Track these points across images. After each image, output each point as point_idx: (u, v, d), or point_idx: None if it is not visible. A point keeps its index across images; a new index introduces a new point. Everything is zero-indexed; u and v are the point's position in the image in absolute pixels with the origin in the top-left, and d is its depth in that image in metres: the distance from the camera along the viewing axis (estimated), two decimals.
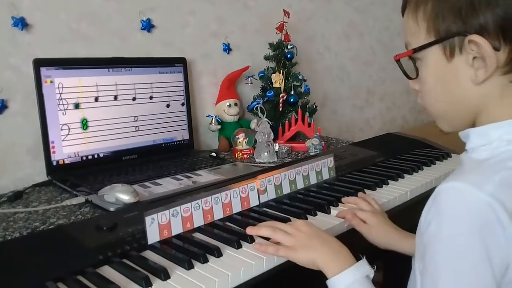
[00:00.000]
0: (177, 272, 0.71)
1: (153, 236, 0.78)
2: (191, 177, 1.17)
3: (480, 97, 0.61)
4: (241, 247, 0.79)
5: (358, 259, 0.72)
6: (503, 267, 0.54)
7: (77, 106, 1.22)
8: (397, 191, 1.08)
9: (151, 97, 1.37)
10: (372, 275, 0.70)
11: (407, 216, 0.93)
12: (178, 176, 1.18)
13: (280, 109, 1.61)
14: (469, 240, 0.53)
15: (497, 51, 0.57)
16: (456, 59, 0.60)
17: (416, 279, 0.67)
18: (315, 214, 0.94)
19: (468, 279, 0.54)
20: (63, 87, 1.19)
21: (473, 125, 0.64)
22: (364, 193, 1.05)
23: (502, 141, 0.59)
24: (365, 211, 0.93)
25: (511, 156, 0.57)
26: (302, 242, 0.75)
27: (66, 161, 1.21)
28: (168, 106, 1.42)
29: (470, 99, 0.62)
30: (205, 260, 0.74)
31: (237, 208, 0.92)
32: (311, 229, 0.78)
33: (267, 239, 0.80)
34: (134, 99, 1.33)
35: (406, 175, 1.20)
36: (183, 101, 1.46)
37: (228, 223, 0.88)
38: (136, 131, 1.34)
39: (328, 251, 0.73)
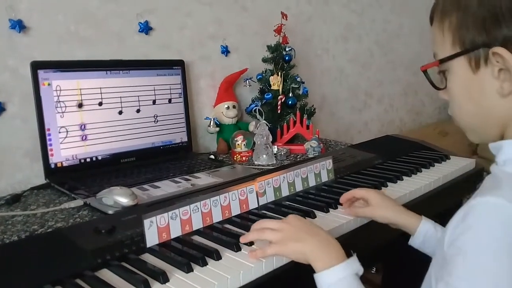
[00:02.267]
0: (176, 275, 0.70)
1: (151, 239, 0.78)
2: (189, 180, 1.17)
3: (508, 109, 0.60)
4: (240, 249, 0.78)
5: (348, 255, 0.71)
6: None
7: (75, 108, 1.22)
8: (396, 193, 1.08)
9: (149, 100, 1.37)
10: (361, 273, 0.69)
11: None
12: (177, 179, 1.18)
13: (279, 111, 1.61)
14: (496, 255, 0.53)
15: None
16: (482, 70, 0.60)
17: (432, 284, 0.66)
18: (314, 217, 0.94)
19: None
20: (61, 90, 1.19)
21: (502, 137, 0.63)
22: None
23: None
24: (366, 190, 0.94)
25: None
26: (290, 235, 0.74)
27: (64, 164, 1.20)
28: (166, 108, 1.42)
29: (497, 111, 0.61)
30: (204, 263, 0.73)
31: (236, 210, 0.91)
32: (301, 221, 0.77)
33: None
34: (132, 101, 1.33)
35: (404, 177, 1.20)
36: (181, 103, 1.46)
37: (227, 226, 0.88)
38: (135, 133, 1.34)
39: (318, 244, 0.72)
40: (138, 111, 1.35)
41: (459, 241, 0.56)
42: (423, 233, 0.86)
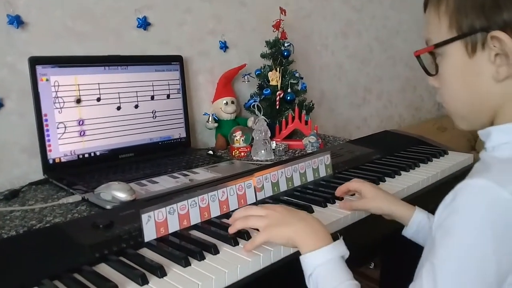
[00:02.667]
0: (174, 270, 0.70)
1: (149, 233, 0.78)
2: (188, 175, 1.17)
3: (501, 95, 0.60)
4: (238, 244, 0.78)
5: (335, 239, 0.71)
6: (510, 268, 0.53)
7: (73, 104, 1.21)
8: (394, 188, 1.08)
9: (147, 95, 1.37)
10: (346, 256, 0.69)
11: None
12: (175, 174, 1.18)
13: (277, 107, 1.61)
14: (482, 236, 0.53)
15: None
16: (478, 55, 0.59)
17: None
18: (312, 211, 0.94)
19: (471, 274, 0.53)
20: (59, 85, 1.19)
21: (491, 124, 0.63)
22: None
23: None
24: (360, 183, 0.94)
25: None
26: (277, 220, 0.74)
27: (63, 160, 1.20)
28: (165, 104, 1.41)
29: (490, 97, 0.61)
30: (202, 258, 0.73)
31: (234, 205, 0.91)
32: (287, 208, 0.78)
33: None
34: (130, 97, 1.33)
35: (403, 172, 1.20)
36: (180, 99, 1.46)
37: (225, 221, 0.88)
38: (133, 129, 1.34)
39: (305, 227, 0.71)
40: (136, 106, 1.34)
41: (446, 222, 0.56)
42: (416, 223, 0.86)
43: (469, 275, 0.53)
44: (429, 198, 1.11)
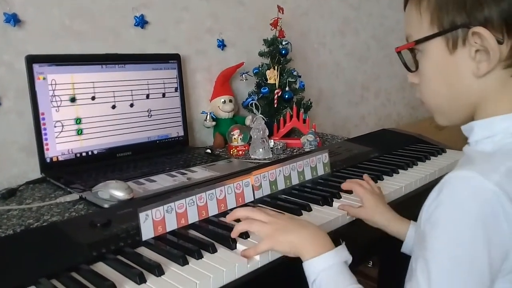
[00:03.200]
0: (172, 268, 0.70)
1: (147, 232, 0.78)
2: (185, 174, 1.17)
3: (481, 90, 0.60)
4: (236, 242, 0.78)
5: (337, 244, 0.71)
6: (501, 258, 0.54)
7: (70, 102, 1.21)
8: (392, 186, 1.08)
9: (145, 94, 1.37)
10: (349, 261, 0.70)
11: (402, 210, 0.93)
12: (173, 173, 1.18)
13: (275, 106, 1.61)
14: (471, 227, 0.53)
15: (500, 44, 0.57)
16: (459, 51, 0.60)
17: (412, 267, 0.66)
18: (310, 210, 0.94)
19: (464, 266, 0.53)
20: (56, 84, 1.18)
21: (471, 119, 0.64)
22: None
23: (507, 133, 0.59)
24: (363, 191, 0.94)
25: None
26: (279, 227, 0.74)
27: (60, 158, 1.20)
28: (162, 102, 1.41)
29: (470, 92, 0.61)
30: (200, 256, 0.73)
31: (231, 204, 0.91)
32: (288, 216, 0.79)
33: None
34: (128, 95, 1.33)
35: (401, 171, 1.20)
36: (177, 97, 1.45)
37: (222, 219, 0.88)
38: (131, 127, 1.34)
39: (307, 234, 0.72)
40: (133, 105, 1.34)
41: (434, 215, 0.57)
42: (411, 237, 0.86)
43: (462, 267, 0.54)
44: (427, 197, 1.11)
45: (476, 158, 0.60)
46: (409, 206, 1.04)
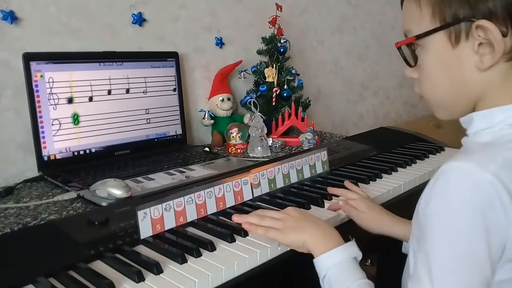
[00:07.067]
0: (170, 267, 0.70)
1: (145, 230, 0.78)
2: (184, 172, 1.16)
3: (483, 83, 0.60)
4: (235, 241, 0.78)
5: (347, 241, 0.72)
6: (500, 248, 0.53)
7: (68, 100, 1.21)
8: (390, 185, 1.08)
9: (143, 92, 1.36)
10: (360, 257, 0.70)
11: (401, 209, 0.93)
12: (171, 171, 1.17)
13: (273, 104, 1.61)
14: (469, 218, 0.53)
15: (505, 37, 0.56)
16: (462, 45, 0.59)
17: (410, 261, 0.66)
18: (309, 208, 0.94)
19: (463, 257, 0.53)
20: (53, 82, 1.18)
21: (472, 111, 0.63)
22: (358, 186, 1.04)
23: (505, 124, 0.59)
24: (354, 199, 0.93)
25: None
26: (291, 224, 0.75)
27: (58, 157, 1.19)
28: (160, 101, 1.41)
29: (472, 86, 0.61)
30: (199, 254, 0.73)
31: (230, 202, 0.91)
32: (300, 212, 0.79)
33: None
34: (126, 93, 1.32)
35: (399, 169, 1.20)
36: (175, 95, 1.45)
37: (221, 217, 0.87)
38: (129, 126, 1.33)
39: (318, 232, 0.73)
40: (131, 103, 1.33)
41: (431, 207, 0.56)
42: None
43: (462, 258, 0.53)
44: None
45: (474, 148, 0.60)
46: (408, 204, 1.03)
